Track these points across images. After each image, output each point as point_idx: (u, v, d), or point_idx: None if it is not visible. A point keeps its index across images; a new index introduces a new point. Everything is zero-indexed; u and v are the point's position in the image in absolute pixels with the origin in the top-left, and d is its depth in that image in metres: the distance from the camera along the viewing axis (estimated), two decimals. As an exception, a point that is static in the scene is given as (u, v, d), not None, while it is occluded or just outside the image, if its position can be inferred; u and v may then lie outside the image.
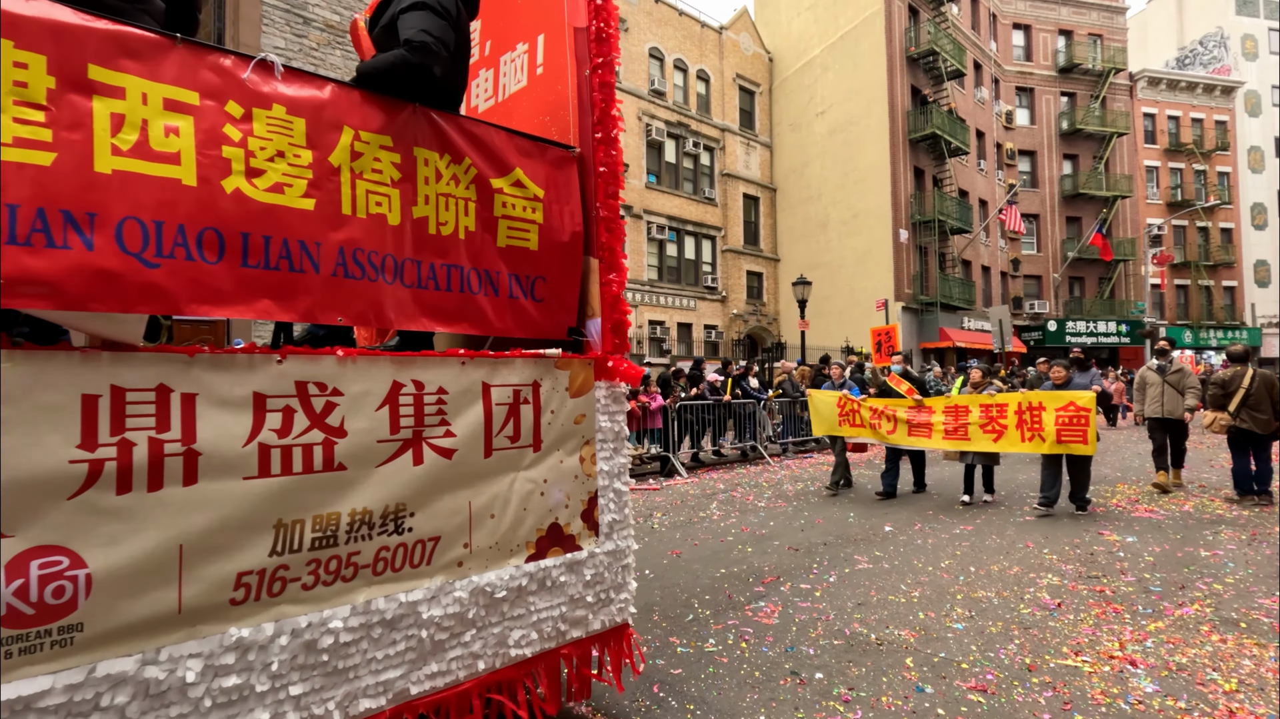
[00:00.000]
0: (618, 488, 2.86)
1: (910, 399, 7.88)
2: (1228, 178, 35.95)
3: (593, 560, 2.71)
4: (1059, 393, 6.80)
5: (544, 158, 2.72)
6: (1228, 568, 4.99)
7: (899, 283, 24.31)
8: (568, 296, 2.80)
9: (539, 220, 2.66)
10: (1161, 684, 3.15)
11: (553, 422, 2.60)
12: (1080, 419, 6.55)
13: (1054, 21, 32.44)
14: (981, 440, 7.21)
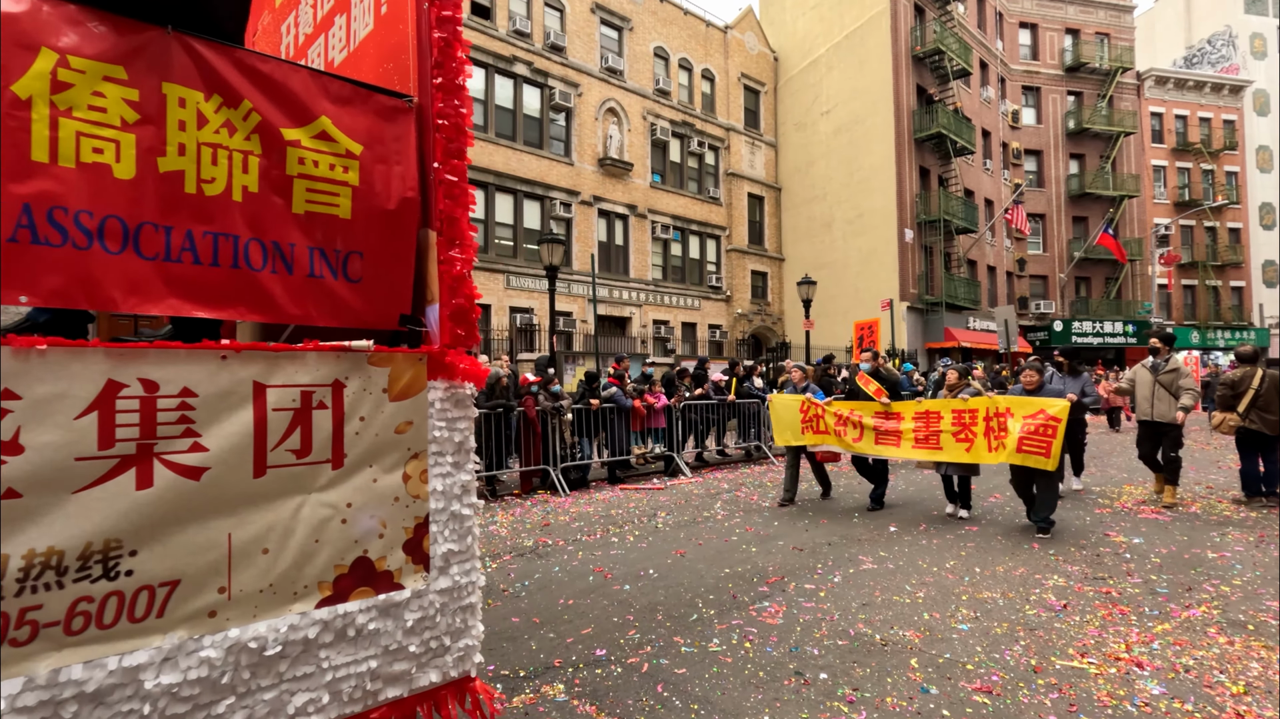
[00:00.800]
0: (458, 511, 2.35)
1: (878, 402, 7.16)
2: (1236, 177, 35.74)
3: (419, 601, 2.21)
4: (1030, 399, 6.14)
5: (365, 107, 2.25)
6: (1235, 570, 4.96)
7: (904, 283, 24.24)
8: (397, 277, 2.32)
9: (353, 182, 2.19)
10: (1168, 686, 3.13)
11: (363, 431, 2.10)
12: (1048, 429, 5.85)
13: (1061, 20, 32.30)
14: (954, 449, 6.51)
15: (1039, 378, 6.36)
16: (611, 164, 22.30)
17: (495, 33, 19.68)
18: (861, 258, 25.52)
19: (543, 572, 5.23)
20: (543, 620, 4.14)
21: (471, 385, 2.39)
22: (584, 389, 9.86)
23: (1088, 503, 7.58)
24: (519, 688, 3.22)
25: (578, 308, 21.18)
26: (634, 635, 3.86)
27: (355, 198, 2.20)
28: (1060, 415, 5.83)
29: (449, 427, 2.34)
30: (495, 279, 19.46)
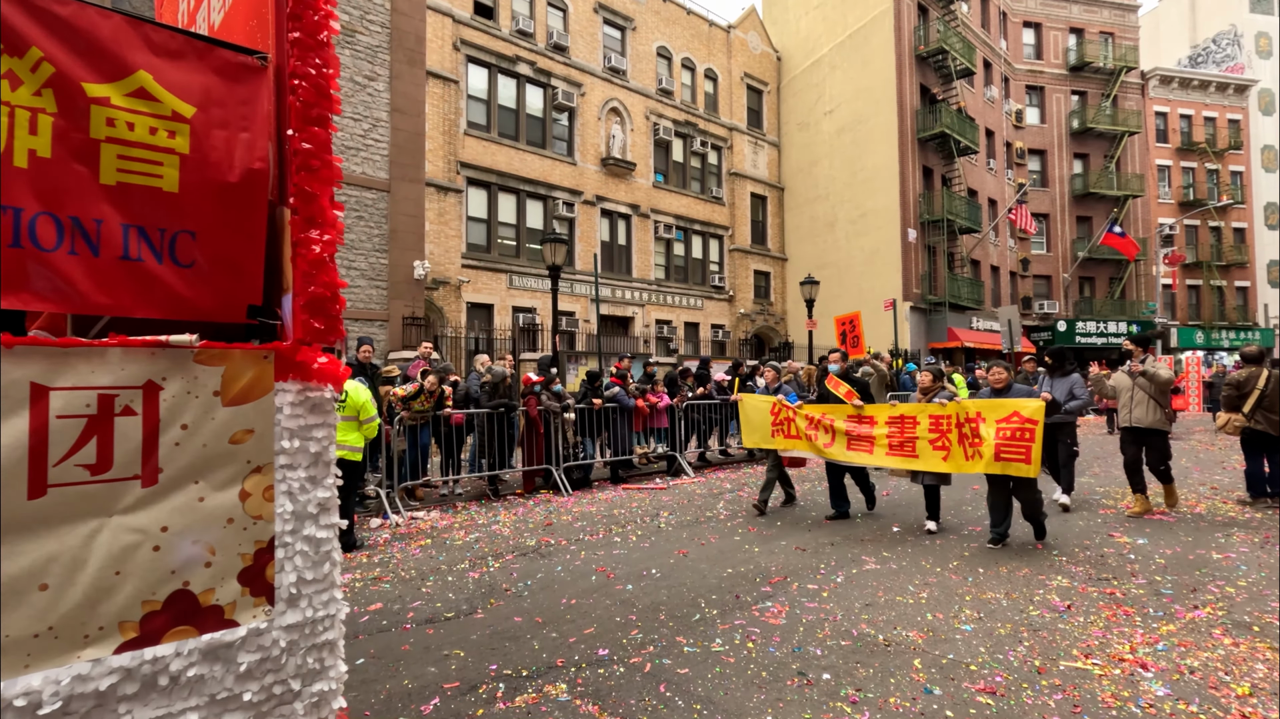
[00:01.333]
0: (313, 534, 2.01)
1: (850, 406, 6.69)
2: (1241, 177, 35.61)
3: (258, 641, 1.88)
4: (1000, 401, 5.67)
5: (202, 63, 1.93)
6: (1240, 571, 4.94)
7: (907, 282, 24.20)
8: (243, 262, 1.99)
9: (182, 150, 1.87)
10: (1173, 688, 3.12)
11: (186, 441, 1.78)
12: (1024, 433, 5.39)
13: (1065, 19, 32.21)
14: (930, 458, 6.01)
15: (1007, 376, 5.91)
16: (614, 164, 22.30)
17: (498, 33, 19.69)
18: (864, 258, 25.48)
19: (545, 571, 5.23)
20: (545, 620, 4.14)
21: (331, 388, 2.06)
22: (586, 389, 9.86)
23: (1092, 504, 7.56)
24: (522, 687, 3.22)
25: (580, 307, 21.18)
26: (636, 635, 3.86)
27: (185, 168, 1.87)
28: (1035, 416, 5.37)
29: (302, 435, 2.00)
30: (498, 279, 19.47)
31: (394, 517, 7.15)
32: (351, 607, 4.46)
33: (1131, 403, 6.86)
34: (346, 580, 5.05)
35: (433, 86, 17.68)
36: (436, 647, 3.75)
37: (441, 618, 4.23)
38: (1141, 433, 6.80)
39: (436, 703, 3.08)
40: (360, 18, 12.07)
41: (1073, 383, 7.05)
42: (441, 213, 18.06)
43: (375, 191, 12.18)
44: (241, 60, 2.00)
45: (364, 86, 12.07)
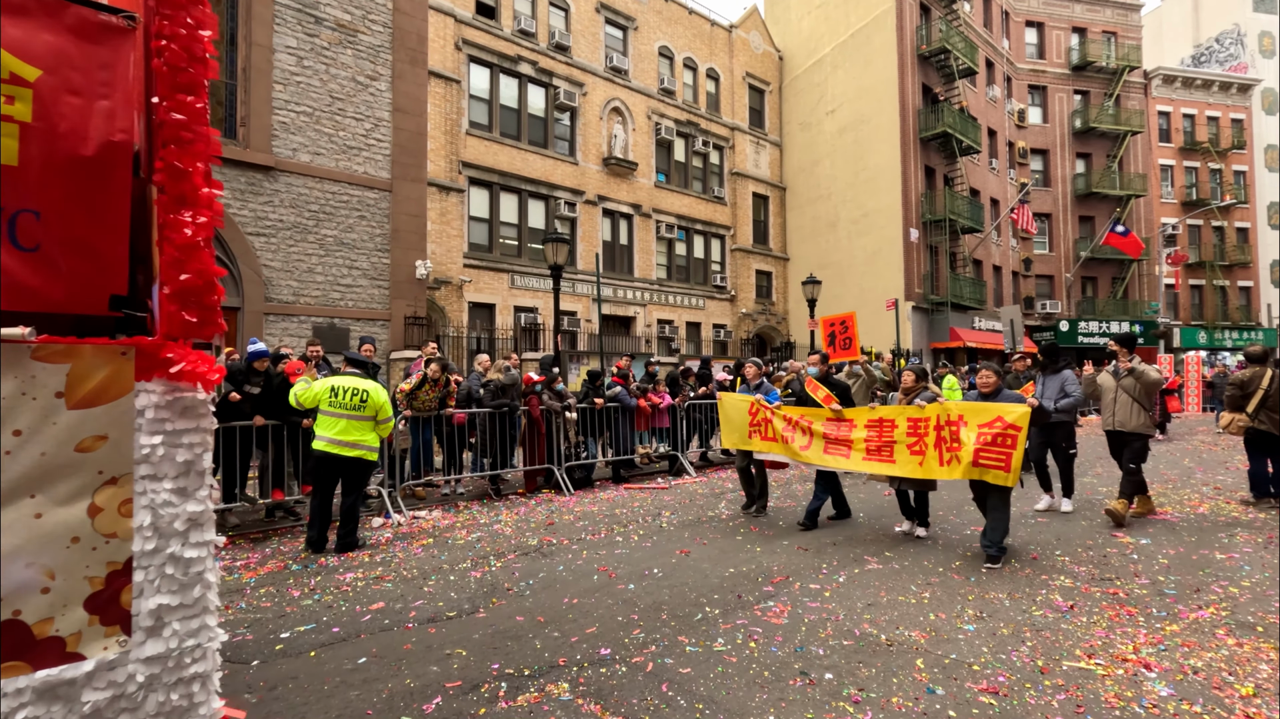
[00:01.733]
0: (180, 553, 1.77)
1: (828, 409, 6.43)
2: (1244, 176, 35.52)
3: (110, 676, 1.66)
4: (986, 405, 5.27)
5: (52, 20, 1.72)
6: (1244, 571, 4.93)
7: (909, 282, 24.18)
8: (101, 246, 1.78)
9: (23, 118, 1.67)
10: (1176, 688, 3.11)
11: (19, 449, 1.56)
12: (1007, 439, 5.02)
13: (1067, 19, 32.16)
14: (907, 463, 5.71)
15: (996, 380, 5.47)
16: (616, 163, 22.29)
17: (500, 32, 19.70)
18: (866, 257, 25.46)
19: (547, 571, 5.23)
20: (547, 619, 4.14)
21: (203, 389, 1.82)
22: (588, 388, 9.86)
23: (1094, 505, 7.54)
24: (524, 687, 3.22)
25: (582, 307, 21.18)
26: (638, 635, 3.86)
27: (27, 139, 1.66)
28: (1019, 423, 4.98)
29: (169, 442, 1.76)
30: (500, 278, 19.48)
31: (396, 516, 7.15)
32: (353, 606, 4.46)
33: (1115, 405, 6.58)
34: (349, 580, 5.05)
35: (435, 86, 17.69)
36: (439, 646, 3.75)
37: (443, 617, 4.23)
38: (1124, 436, 6.52)
39: (439, 702, 3.08)
40: (362, 17, 12.07)
41: (1064, 379, 6.79)
42: (443, 212, 18.07)
43: (377, 191, 12.19)
44: (103, 20, 1.77)
45: (366, 86, 12.08)
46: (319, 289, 11.48)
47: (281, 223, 11.11)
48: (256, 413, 6.59)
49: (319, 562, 5.59)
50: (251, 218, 10.82)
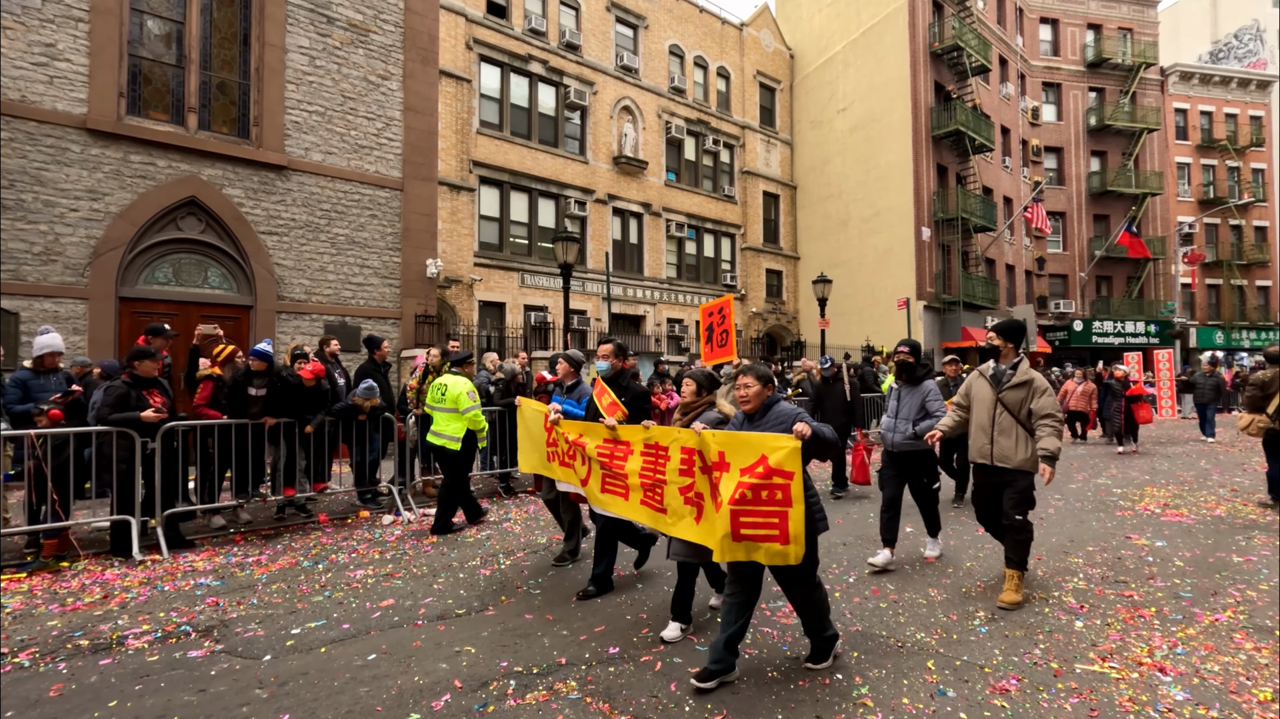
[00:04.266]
0: None
1: (605, 424, 4.36)
2: (1262, 174, 35.02)
3: None
4: (745, 437, 3.31)
5: None
6: (1261, 574, 4.86)
7: (921, 281, 24.02)
8: None
9: None
10: (1192, 692, 3.06)
11: None
12: (775, 492, 3.13)
13: (1082, 15, 31.81)
14: (680, 516, 3.67)
15: (758, 389, 3.44)
16: (626, 162, 22.28)
17: (511, 31, 19.73)
18: (878, 256, 25.32)
19: (556, 570, 5.23)
20: (556, 618, 4.14)
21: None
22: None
23: (1108, 506, 7.46)
24: (532, 685, 3.22)
25: (592, 306, 21.19)
26: (647, 634, 3.85)
27: None
28: (788, 466, 3.10)
29: None
30: (510, 277, 19.52)
31: (406, 513, 7.18)
32: (364, 602, 4.48)
33: (992, 427, 4.40)
34: (359, 577, 5.08)
35: (446, 85, 17.75)
36: (448, 643, 3.76)
37: (453, 615, 4.24)
38: (1002, 475, 4.40)
39: (448, 699, 3.08)
40: (374, 17, 12.13)
41: (926, 394, 5.15)
42: (454, 211, 18.13)
43: (388, 190, 12.24)
44: None
45: (377, 85, 12.13)
46: (331, 288, 11.56)
47: (294, 222, 11.19)
48: (266, 413, 6.63)
49: (329, 559, 5.63)
50: (264, 217, 10.90)
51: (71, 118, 9.36)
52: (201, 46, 10.64)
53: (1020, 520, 4.34)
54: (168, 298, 10.21)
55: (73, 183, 9.37)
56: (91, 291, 9.45)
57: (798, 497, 3.12)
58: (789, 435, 3.17)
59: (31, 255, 9.06)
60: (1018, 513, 4.35)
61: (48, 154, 9.21)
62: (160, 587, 4.87)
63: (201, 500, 6.40)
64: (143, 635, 3.91)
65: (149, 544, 5.75)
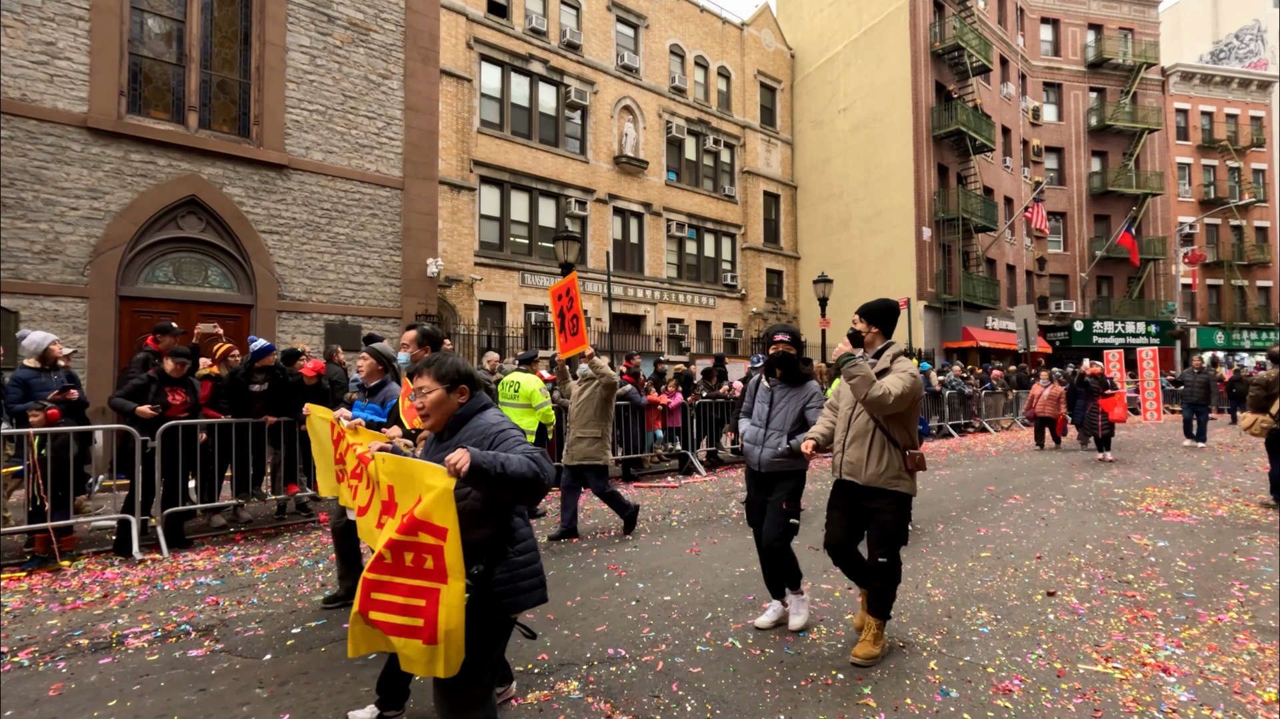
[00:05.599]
0: None
1: (352, 434, 3.54)
2: (1263, 175, 35.00)
3: None
4: (411, 466, 2.19)
5: None
6: (1265, 574, 4.84)
7: (922, 281, 24.01)
8: None
9: None
10: (1196, 693, 3.05)
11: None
12: (423, 560, 2.06)
13: (1083, 15, 31.79)
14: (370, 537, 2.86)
15: (439, 394, 2.34)
16: (627, 162, 22.27)
17: (511, 31, 19.72)
18: (878, 256, 25.31)
19: (557, 569, 5.22)
20: (557, 618, 4.13)
21: None
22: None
23: (1110, 506, 7.45)
24: (534, 684, 3.21)
25: (592, 306, 21.19)
26: (649, 634, 3.84)
27: None
28: (437, 518, 2.02)
29: None
30: (510, 277, 19.51)
31: (406, 513, 7.16)
32: (364, 602, 4.46)
33: (848, 431, 3.50)
34: (359, 576, 5.06)
35: (446, 85, 17.74)
36: (448, 643, 3.74)
37: (453, 614, 4.22)
38: (860, 492, 3.47)
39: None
40: (375, 16, 12.12)
41: (808, 398, 3.89)
42: (454, 211, 18.12)
43: (389, 189, 12.23)
44: None
45: (378, 85, 12.12)
46: (331, 287, 11.54)
47: (294, 221, 11.18)
48: (267, 411, 6.62)
49: (330, 558, 5.61)
50: (264, 216, 10.89)
51: (72, 116, 9.35)
52: (202, 45, 10.63)
53: (882, 564, 3.42)
54: (168, 297, 10.19)
55: (73, 181, 9.36)
56: (92, 290, 9.44)
57: (454, 568, 2.01)
58: (440, 470, 2.03)
59: (32, 254, 9.05)
60: (880, 552, 3.41)
61: (48, 153, 9.20)
62: (160, 586, 4.86)
63: (201, 500, 6.39)
64: (143, 634, 3.90)
65: (149, 543, 5.75)
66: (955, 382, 16.41)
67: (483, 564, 2.21)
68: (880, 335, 3.56)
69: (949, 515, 6.99)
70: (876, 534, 3.45)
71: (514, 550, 2.32)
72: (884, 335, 3.56)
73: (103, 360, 9.40)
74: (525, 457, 2.08)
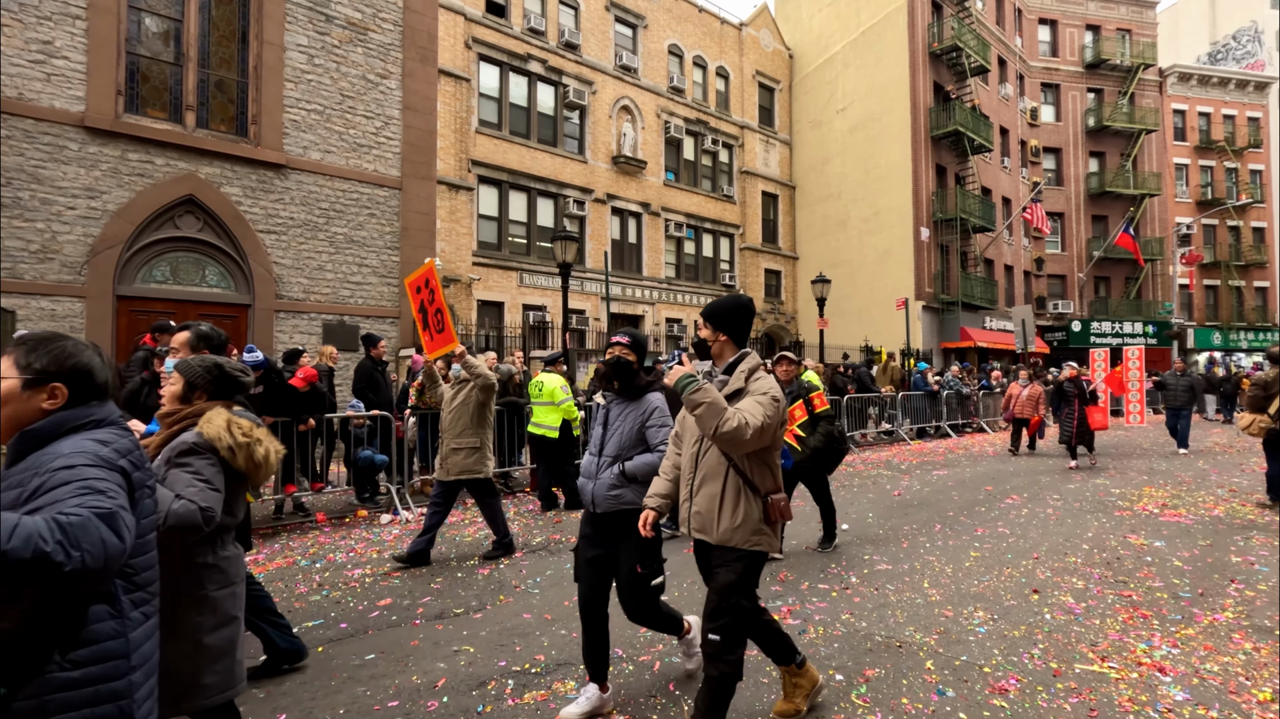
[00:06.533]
0: None
1: None
2: (1260, 175, 35.07)
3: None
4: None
5: None
6: (1260, 574, 4.86)
7: (920, 281, 24.03)
8: None
9: None
10: (1192, 692, 3.06)
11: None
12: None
13: (1081, 16, 31.84)
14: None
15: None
16: (625, 162, 22.27)
17: (510, 30, 19.71)
18: (877, 256, 25.33)
19: (554, 568, 5.22)
20: (555, 617, 4.13)
21: None
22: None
23: (1107, 506, 7.46)
24: (531, 684, 3.21)
25: (591, 306, 21.18)
26: (645, 634, 3.84)
27: None
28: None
29: None
30: (509, 276, 19.50)
31: (404, 513, 7.16)
32: (361, 602, 4.47)
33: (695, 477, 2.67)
34: (357, 576, 5.06)
35: (445, 84, 17.72)
36: (446, 643, 3.75)
37: (451, 614, 4.23)
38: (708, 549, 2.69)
39: (446, 699, 3.07)
40: (373, 15, 12.11)
41: (647, 415, 3.08)
42: (453, 211, 18.11)
43: (387, 189, 12.22)
44: None
45: (376, 84, 12.11)
46: (329, 287, 11.53)
47: (292, 220, 11.16)
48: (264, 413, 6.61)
49: (327, 558, 5.61)
50: (262, 215, 10.88)
51: (69, 115, 9.33)
52: (200, 44, 10.61)
53: (713, 641, 2.51)
54: (165, 296, 10.18)
55: (70, 181, 9.34)
56: (89, 290, 9.42)
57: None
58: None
59: (28, 253, 9.03)
60: (711, 627, 2.53)
61: (45, 152, 9.18)
62: (157, 586, 4.85)
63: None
64: (139, 635, 3.89)
65: (146, 543, 5.73)
66: (953, 382, 16.43)
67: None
68: (731, 344, 2.70)
69: (946, 515, 7.00)
70: (713, 599, 2.56)
71: (66, 662, 1.38)
72: (736, 344, 2.70)
73: (100, 360, 9.38)
74: (52, 521, 1.23)
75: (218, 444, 2.10)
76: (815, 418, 5.48)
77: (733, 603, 2.54)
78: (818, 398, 5.54)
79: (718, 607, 2.55)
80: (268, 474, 2.27)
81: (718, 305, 2.74)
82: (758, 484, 2.57)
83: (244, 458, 2.14)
